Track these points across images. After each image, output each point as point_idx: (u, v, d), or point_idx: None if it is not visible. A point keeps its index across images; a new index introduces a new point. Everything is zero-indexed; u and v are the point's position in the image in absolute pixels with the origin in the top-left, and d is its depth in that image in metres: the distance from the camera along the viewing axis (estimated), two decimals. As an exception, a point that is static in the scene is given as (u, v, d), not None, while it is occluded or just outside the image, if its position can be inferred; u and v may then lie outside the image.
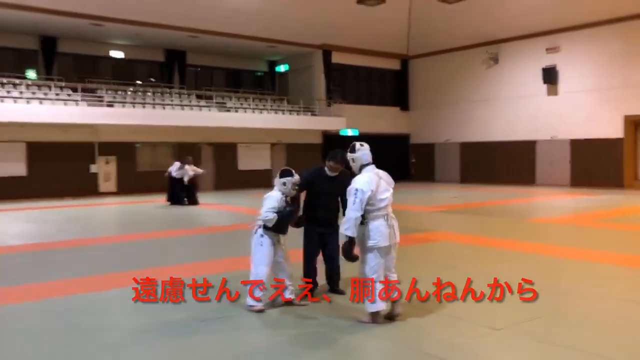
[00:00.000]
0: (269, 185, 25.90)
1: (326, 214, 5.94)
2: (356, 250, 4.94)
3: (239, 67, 28.51)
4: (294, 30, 24.69)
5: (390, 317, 5.00)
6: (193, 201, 17.07)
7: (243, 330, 5.04)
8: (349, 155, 5.11)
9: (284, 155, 26.22)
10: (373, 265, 4.86)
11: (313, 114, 26.31)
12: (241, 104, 25.14)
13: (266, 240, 5.39)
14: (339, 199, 6.01)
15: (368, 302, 4.91)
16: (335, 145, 27.19)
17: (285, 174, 5.54)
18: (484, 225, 11.97)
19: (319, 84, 27.25)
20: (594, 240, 9.94)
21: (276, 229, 5.41)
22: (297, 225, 5.73)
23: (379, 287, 4.87)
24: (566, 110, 23.91)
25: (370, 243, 4.84)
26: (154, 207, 16.96)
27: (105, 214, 16.24)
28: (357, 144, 5.11)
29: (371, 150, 5.08)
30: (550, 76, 24.16)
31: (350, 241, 4.85)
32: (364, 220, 4.84)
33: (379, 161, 5.51)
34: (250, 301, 5.41)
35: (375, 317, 4.92)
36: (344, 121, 26.26)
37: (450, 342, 4.46)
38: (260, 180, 25.20)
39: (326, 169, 5.84)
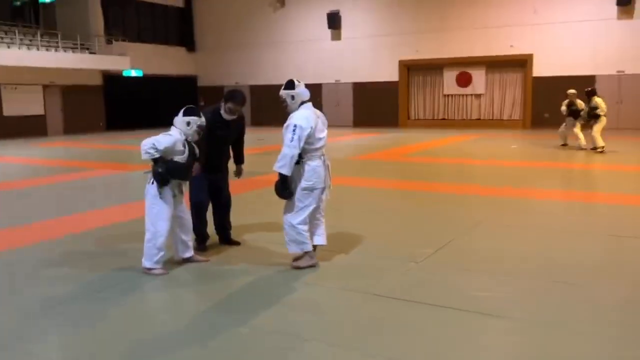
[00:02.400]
0: (43, 133, 22.99)
1: (219, 162, 5.37)
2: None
3: (-9, -6, 23.99)
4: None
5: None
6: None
7: (157, 298, 4.35)
8: (289, 92, 4.61)
9: (60, 98, 23.23)
10: (303, 207, 4.56)
11: (91, 52, 23.60)
12: (1, 38, 21.31)
13: (166, 192, 4.63)
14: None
15: (293, 245, 4.62)
16: (117, 87, 25.16)
17: (189, 112, 4.71)
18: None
19: (95, 19, 24.38)
20: (416, 173, 10.89)
21: (178, 175, 4.67)
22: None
23: (305, 228, 4.61)
24: (349, 55, 25.36)
25: (306, 184, 4.52)
26: None
27: None
28: (295, 80, 4.65)
29: (157, 92, 4.62)
30: (334, 21, 25.23)
31: (284, 179, 4.46)
32: (299, 160, 4.48)
33: (168, 104, 5.19)
34: (147, 264, 4.67)
35: (309, 257, 4.66)
36: (128, 60, 24.10)
37: (395, 281, 4.42)
38: (33, 128, 22.10)
39: (223, 112, 5.20)
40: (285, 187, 4.52)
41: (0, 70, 20.50)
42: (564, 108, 14.34)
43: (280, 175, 4.48)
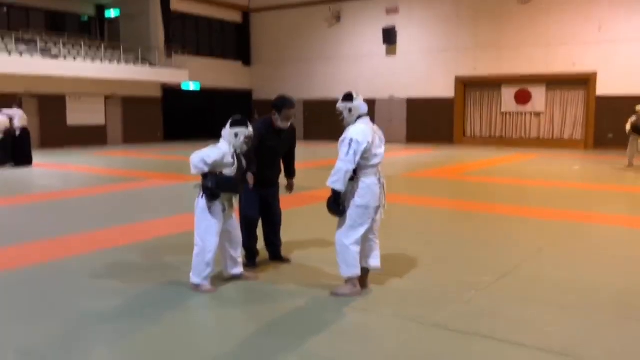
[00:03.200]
0: (103, 143, 23.56)
1: (271, 174, 5.24)
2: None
3: (61, 10, 24.96)
4: (128, -30, 22.24)
5: (360, 284, 4.55)
6: (26, 159, 14.72)
7: (203, 318, 4.20)
8: (346, 105, 4.44)
9: (120, 109, 23.92)
10: (356, 226, 4.32)
11: (151, 65, 24.22)
12: (68, 51, 22.14)
13: (215, 206, 4.52)
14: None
15: (343, 266, 4.38)
16: (175, 99, 25.70)
17: (237, 123, 4.57)
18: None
19: (156, 33, 25.04)
20: (473, 193, 10.50)
21: (228, 188, 4.55)
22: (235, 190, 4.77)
23: (357, 249, 4.37)
24: (403, 70, 25.08)
25: (360, 202, 4.29)
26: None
27: None
28: (353, 93, 4.48)
29: (214, 105, 4.43)
30: (389, 37, 25.02)
31: (337, 196, 4.26)
32: (354, 176, 4.27)
33: (223, 117, 5.15)
34: (196, 280, 4.56)
35: (352, 286, 4.41)
36: (187, 74, 24.60)
37: (455, 311, 4.12)
38: (94, 137, 22.83)
39: (279, 122, 5.08)
40: (337, 204, 4.30)
41: (65, 81, 21.30)
42: (628, 127, 13.72)
43: (333, 191, 4.27)
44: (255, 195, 5.17)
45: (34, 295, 4.53)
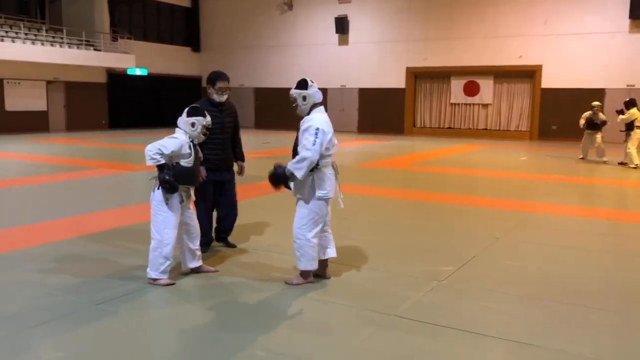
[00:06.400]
0: (45, 130, 22.64)
1: (223, 156, 5.10)
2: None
3: (-3, -12, 23.73)
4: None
5: (320, 276, 4.50)
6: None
7: (163, 314, 4.02)
8: (300, 92, 4.28)
9: (63, 95, 22.97)
10: (317, 219, 4.26)
11: (96, 49, 23.33)
12: (6, 32, 21.04)
13: (172, 198, 4.33)
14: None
15: (304, 260, 4.31)
16: (121, 85, 24.87)
17: (194, 112, 4.41)
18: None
19: (100, 16, 24.15)
20: (425, 183, 10.61)
21: (186, 180, 4.39)
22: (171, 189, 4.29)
23: (317, 242, 4.31)
24: (355, 60, 25.10)
25: (321, 193, 4.21)
26: None
27: None
28: (308, 80, 4.35)
29: (161, 92, 4.38)
30: (341, 26, 24.98)
31: (289, 177, 4.16)
32: (314, 167, 4.18)
33: (171, 104, 5.07)
34: (153, 274, 4.38)
35: (307, 277, 4.37)
36: (133, 59, 23.84)
37: (419, 302, 4.12)
38: (34, 124, 21.87)
39: (215, 96, 4.99)
40: (286, 182, 4.23)
41: (3, 64, 20.26)
42: (582, 122, 14.00)
43: (291, 174, 4.14)
44: (208, 181, 5.02)
45: (-24, 292, 4.25)
